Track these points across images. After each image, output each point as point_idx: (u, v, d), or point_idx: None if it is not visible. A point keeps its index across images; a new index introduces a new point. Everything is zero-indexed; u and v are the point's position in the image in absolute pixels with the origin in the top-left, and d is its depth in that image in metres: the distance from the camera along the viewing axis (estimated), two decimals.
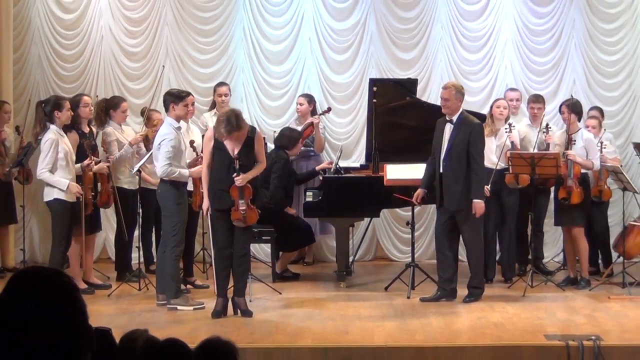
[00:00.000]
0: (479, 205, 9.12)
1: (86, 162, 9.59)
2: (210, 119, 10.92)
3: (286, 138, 10.66)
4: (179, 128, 9.12)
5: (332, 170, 10.71)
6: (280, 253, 10.74)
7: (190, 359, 4.59)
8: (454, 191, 9.19)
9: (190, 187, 9.38)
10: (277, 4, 11.80)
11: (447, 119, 9.26)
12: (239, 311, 8.71)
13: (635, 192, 10.47)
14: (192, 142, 9.26)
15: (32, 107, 11.39)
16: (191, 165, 9.21)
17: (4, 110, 10.70)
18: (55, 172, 9.29)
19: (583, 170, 9.80)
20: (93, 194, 9.57)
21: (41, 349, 2.44)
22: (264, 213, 9.65)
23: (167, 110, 9.16)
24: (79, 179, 9.49)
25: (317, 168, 10.93)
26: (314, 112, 11.14)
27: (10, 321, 2.46)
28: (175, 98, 9.13)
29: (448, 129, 9.24)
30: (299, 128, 10.88)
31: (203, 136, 10.10)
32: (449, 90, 9.32)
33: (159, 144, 8.97)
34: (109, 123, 10.21)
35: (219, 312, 8.69)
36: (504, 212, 10.11)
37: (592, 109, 10.68)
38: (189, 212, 9.30)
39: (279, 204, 10.51)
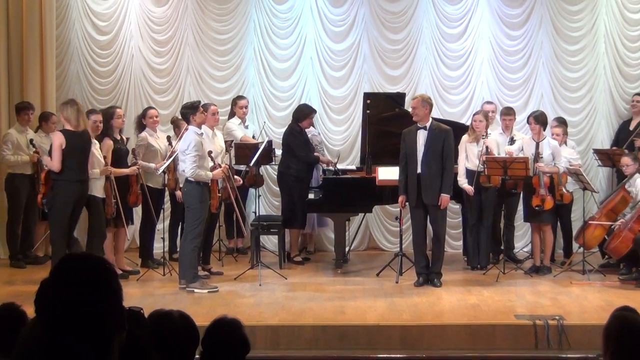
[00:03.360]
0: (445, 198, 9.26)
1: (128, 170, 9.69)
2: (237, 127, 10.98)
3: (299, 111, 10.78)
4: (201, 134, 9.12)
5: (332, 170, 10.76)
6: (287, 239, 10.77)
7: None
8: (431, 187, 9.22)
9: None
10: (283, 28, 11.80)
11: (420, 126, 9.26)
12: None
13: (594, 192, 10.48)
14: (209, 153, 9.22)
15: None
16: (210, 170, 9.22)
17: (52, 121, 10.66)
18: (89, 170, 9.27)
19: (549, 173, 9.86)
20: (115, 200, 9.54)
21: (83, 324, 2.45)
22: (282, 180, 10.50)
23: (188, 121, 9.15)
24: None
25: (320, 158, 10.93)
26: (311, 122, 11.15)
27: (58, 299, 2.48)
28: (191, 109, 9.13)
29: (422, 135, 9.23)
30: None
31: (225, 141, 10.17)
32: (416, 100, 9.38)
33: (185, 150, 8.99)
34: (144, 129, 10.23)
35: None
36: (481, 208, 10.11)
37: (556, 119, 10.68)
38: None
39: (283, 171, 10.72)
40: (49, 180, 9.23)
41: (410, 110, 9.39)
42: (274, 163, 10.98)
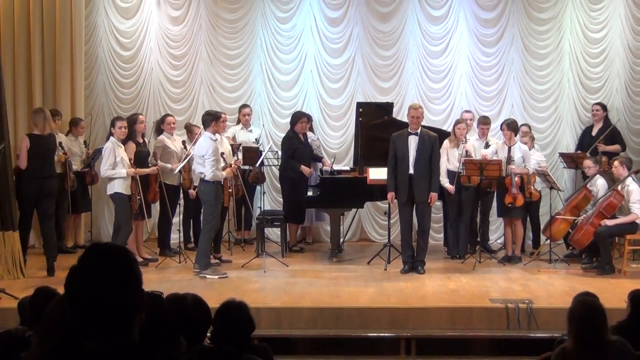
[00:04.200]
0: (434, 195, 9.33)
1: (149, 169, 9.71)
2: (238, 131, 11.08)
3: (292, 116, 10.87)
4: (215, 139, 9.14)
5: (329, 170, 10.76)
6: (287, 231, 10.76)
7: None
8: (422, 186, 9.24)
9: None
10: (286, 45, 11.79)
11: (411, 132, 9.26)
12: None
13: (559, 190, 10.49)
14: (222, 154, 9.25)
15: (98, 123, 11.49)
16: (222, 169, 9.25)
17: (80, 126, 10.79)
18: (113, 169, 9.28)
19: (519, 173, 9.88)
20: (139, 197, 9.54)
21: (107, 305, 2.45)
22: (282, 179, 10.76)
23: (206, 126, 9.15)
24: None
25: (325, 160, 11.05)
26: (311, 128, 11.16)
27: (85, 284, 2.48)
28: (214, 117, 9.14)
29: (413, 140, 9.25)
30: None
31: (232, 145, 10.20)
32: (420, 110, 9.43)
33: (204, 155, 8.99)
34: (162, 133, 10.24)
35: None
36: (461, 205, 10.11)
37: (523, 125, 10.70)
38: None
39: (282, 172, 10.85)
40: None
41: (412, 119, 9.30)
42: (277, 164, 11.00)
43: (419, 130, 9.31)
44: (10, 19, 10.65)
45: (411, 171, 9.24)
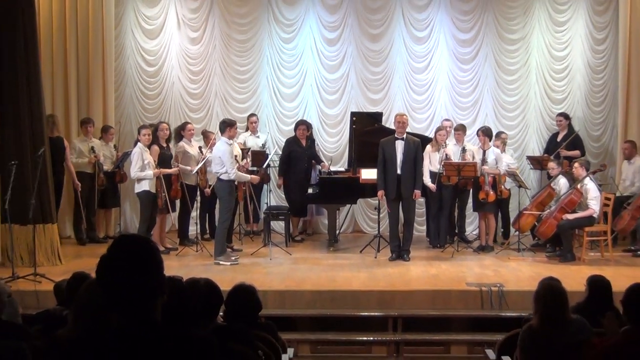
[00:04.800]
0: (418, 192, 9.35)
1: (171, 170, 9.71)
2: (247, 137, 11.08)
3: (295, 124, 10.95)
4: (230, 144, 9.17)
5: (327, 171, 10.77)
6: (290, 222, 10.74)
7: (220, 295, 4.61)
8: (408, 185, 9.25)
9: None
10: (289, 62, 11.78)
11: (398, 137, 9.28)
12: None
13: (527, 189, 10.48)
14: (235, 157, 9.29)
15: (125, 129, 11.49)
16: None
17: (110, 133, 10.82)
18: (140, 170, 9.33)
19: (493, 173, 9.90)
20: (164, 194, 9.55)
21: (133, 288, 2.46)
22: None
23: (222, 132, 9.20)
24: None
25: (324, 163, 11.04)
26: (311, 135, 11.16)
27: (114, 270, 2.49)
28: (229, 124, 9.19)
29: (400, 145, 9.26)
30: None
31: (242, 149, 10.21)
32: (405, 118, 9.51)
33: (222, 157, 9.02)
34: (182, 140, 10.23)
35: None
36: (441, 201, 10.11)
37: (498, 133, 10.70)
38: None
39: (280, 173, 10.92)
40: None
41: (399, 125, 9.33)
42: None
43: (404, 136, 9.32)
44: (49, 39, 10.66)
45: (399, 172, 9.25)
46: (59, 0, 10.73)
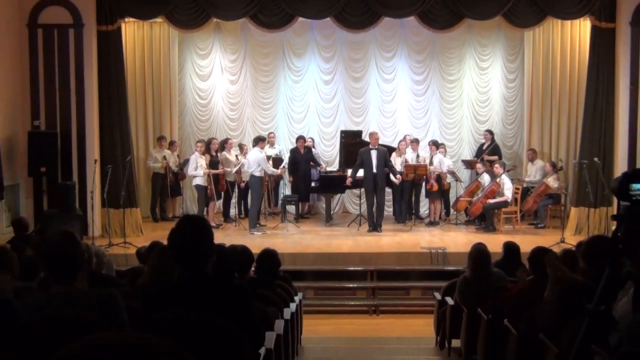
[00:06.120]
0: (399, 178, 9.43)
1: (218, 171, 9.70)
2: (267, 149, 10.84)
3: (296, 139, 10.74)
4: (261, 152, 9.25)
5: (325, 171, 10.69)
6: (300, 204, 10.63)
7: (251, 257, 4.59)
8: (380, 180, 9.20)
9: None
10: (298, 96, 11.61)
11: (372, 148, 9.23)
12: None
13: (461, 182, 10.47)
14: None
15: (185, 144, 11.43)
16: None
17: (175, 145, 10.65)
18: (196, 171, 9.33)
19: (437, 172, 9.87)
20: (212, 187, 9.53)
21: (194, 251, 2.46)
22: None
23: (255, 144, 9.33)
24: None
25: (322, 165, 10.87)
26: (313, 146, 11.02)
27: (180, 239, 2.48)
28: (260, 139, 9.39)
29: (374, 153, 9.20)
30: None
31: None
32: (377, 135, 9.50)
33: (260, 161, 9.05)
34: (224, 150, 10.18)
35: None
36: (402, 191, 10.09)
37: (441, 144, 10.66)
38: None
39: (290, 173, 10.63)
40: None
41: (373, 138, 9.34)
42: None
43: (377, 147, 9.27)
44: (133, 80, 10.57)
45: (374, 171, 9.18)
46: (140, 54, 10.65)
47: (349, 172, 9.81)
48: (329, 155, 11.75)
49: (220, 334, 2.19)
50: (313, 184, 10.54)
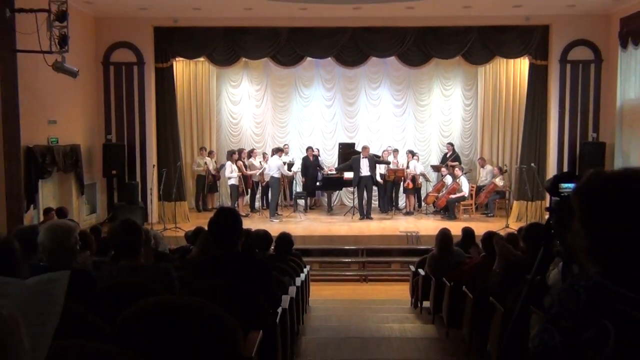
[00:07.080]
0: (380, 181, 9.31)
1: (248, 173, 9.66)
2: (283, 157, 10.79)
3: (306, 149, 10.55)
4: (280, 158, 9.21)
5: (327, 174, 10.60)
6: (308, 198, 10.53)
7: (270, 240, 4.56)
8: (369, 180, 9.16)
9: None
10: (307, 117, 11.49)
11: (363, 157, 9.19)
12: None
13: (430, 182, 10.41)
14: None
15: (221, 153, 11.32)
16: None
17: (213, 154, 10.58)
18: (231, 174, 9.30)
19: (413, 173, 9.82)
20: (242, 186, 9.51)
21: (228, 234, 2.43)
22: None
23: (274, 153, 9.36)
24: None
25: (324, 170, 10.61)
26: (318, 154, 10.89)
27: (217, 224, 2.46)
28: (279, 150, 9.44)
29: (364, 161, 9.18)
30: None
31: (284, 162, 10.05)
32: (368, 147, 9.44)
33: (279, 166, 9.01)
34: (251, 157, 10.13)
35: None
36: (385, 188, 10.04)
37: (415, 153, 10.58)
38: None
39: (302, 175, 10.43)
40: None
41: (364, 150, 9.29)
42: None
43: (367, 156, 9.23)
44: (182, 104, 10.47)
45: (363, 174, 9.14)
46: (187, 85, 10.63)
47: (345, 174, 9.77)
48: (330, 161, 11.69)
49: (247, 297, 2.20)
50: (318, 183, 10.49)
